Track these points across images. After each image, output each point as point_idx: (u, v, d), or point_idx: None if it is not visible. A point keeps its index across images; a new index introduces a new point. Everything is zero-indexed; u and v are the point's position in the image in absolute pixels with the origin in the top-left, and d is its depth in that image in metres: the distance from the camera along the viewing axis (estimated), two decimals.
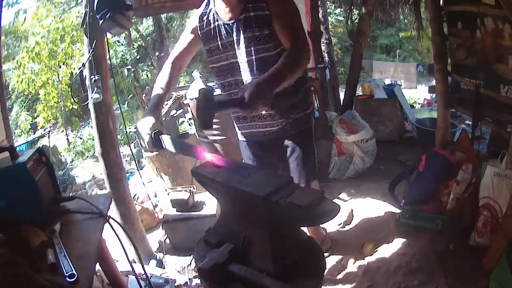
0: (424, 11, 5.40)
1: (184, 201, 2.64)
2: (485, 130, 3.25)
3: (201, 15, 1.73)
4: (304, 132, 1.91)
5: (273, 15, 1.57)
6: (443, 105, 3.09)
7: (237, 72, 1.73)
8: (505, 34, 2.33)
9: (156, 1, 3.59)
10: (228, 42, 1.68)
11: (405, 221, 2.58)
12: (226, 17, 1.65)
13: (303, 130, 1.90)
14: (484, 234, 2.20)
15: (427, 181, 2.70)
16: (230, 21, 1.64)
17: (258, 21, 1.58)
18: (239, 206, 1.17)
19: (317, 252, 1.23)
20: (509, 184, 2.13)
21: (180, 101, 3.69)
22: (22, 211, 1.31)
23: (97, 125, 2.46)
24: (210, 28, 1.70)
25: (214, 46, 1.73)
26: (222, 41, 1.69)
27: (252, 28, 1.60)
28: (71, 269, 1.09)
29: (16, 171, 1.30)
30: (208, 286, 1.13)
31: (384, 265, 2.24)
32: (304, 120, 1.88)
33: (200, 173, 1.23)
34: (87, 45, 2.36)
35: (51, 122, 10.21)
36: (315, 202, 1.01)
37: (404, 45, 12.12)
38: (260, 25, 1.59)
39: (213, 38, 1.70)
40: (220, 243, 1.16)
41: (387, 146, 4.06)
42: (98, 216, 1.42)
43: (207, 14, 1.71)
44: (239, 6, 1.60)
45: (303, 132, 1.90)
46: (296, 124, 1.86)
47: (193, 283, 2.28)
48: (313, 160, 1.99)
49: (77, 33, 7.44)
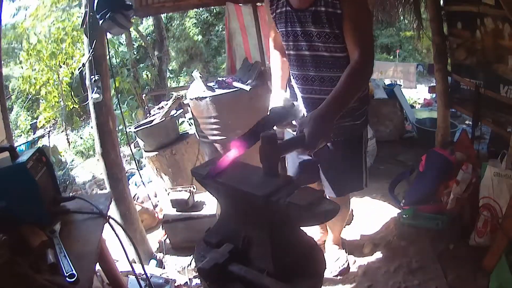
0: (424, 11, 5.39)
1: (184, 201, 2.64)
2: (485, 130, 3.26)
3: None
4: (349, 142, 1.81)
5: (345, 16, 1.47)
6: (443, 105, 3.09)
7: (305, 66, 1.68)
8: (505, 34, 2.33)
9: (156, 1, 3.59)
10: (297, 31, 1.60)
11: (405, 221, 2.58)
12: (296, 4, 1.56)
13: (348, 138, 1.80)
14: (484, 234, 2.20)
15: (427, 181, 2.70)
16: (299, 10, 1.55)
17: (330, 17, 1.49)
18: (239, 206, 1.17)
19: (317, 252, 1.23)
20: (509, 184, 2.13)
21: (180, 101, 3.69)
22: (22, 211, 1.31)
23: (97, 125, 2.46)
24: (281, 11, 1.62)
25: (283, 32, 1.66)
26: (291, 29, 1.61)
27: (322, 23, 1.51)
28: (71, 269, 1.09)
29: (16, 171, 1.30)
30: (208, 286, 1.13)
31: (384, 265, 2.25)
32: (350, 130, 1.78)
33: (200, 173, 1.23)
34: (87, 45, 2.36)
35: (51, 122, 10.21)
36: (315, 202, 1.01)
37: (404, 45, 12.10)
38: (331, 23, 1.50)
39: (284, 23, 1.63)
40: (220, 243, 1.16)
41: (387, 146, 4.05)
42: (98, 216, 1.42)
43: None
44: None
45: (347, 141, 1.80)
46: (342, 132, 1.75)
47: (193, 283, 2.28)
48: (353, 171, 1.90)
49: (77, 33, 7.45)
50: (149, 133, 3.35)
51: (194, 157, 3.38)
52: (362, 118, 1.81)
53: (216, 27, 12.82)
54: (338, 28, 1.51)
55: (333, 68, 1.63)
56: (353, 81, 1.38)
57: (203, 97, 2.72)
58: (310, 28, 1.56)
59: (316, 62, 1.65)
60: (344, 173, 1.87)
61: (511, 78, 2.41)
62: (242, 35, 4.08)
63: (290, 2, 1.58)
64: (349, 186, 1.98)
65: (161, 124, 3.36)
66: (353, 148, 1.86)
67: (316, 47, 1.60)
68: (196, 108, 2.83)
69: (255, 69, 2.92)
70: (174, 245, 2.75)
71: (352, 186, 1.98)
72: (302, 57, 1.67)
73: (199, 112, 2.82)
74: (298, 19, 1.57)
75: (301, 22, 1.57)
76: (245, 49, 4.13)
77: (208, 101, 2.70)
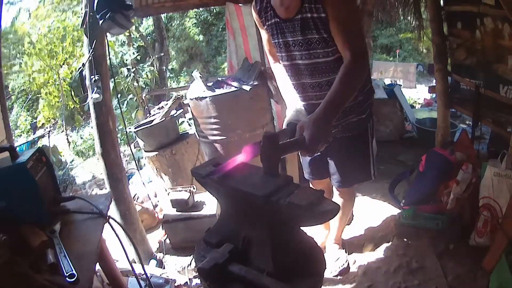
0: (424, 11, 5.39)
1: (184, 201, 2.64)
2: (485, 130, 3.26)
3: (259, 10, 1.65)
4: (356, 137, 1.84)
5: (330, 19, 1.46)
6: (443, 105, 3.09)
7: (301, 75, 1.68)
8: (504, 34, 2.33)
9: (156, 1, 3.59)
10: (288, 42, 1.61)
11: (405, 221, 2.58)
12: (282, 14, 1.57)
13: (355, 134, 1.83)
14: (484, 234, 2.20)
15: (427, 181, 2.70)
16: (287, 20, 1.56)
17: (316, 23, 1.50)
18: (239, 206, 1.17)
19: (317, 252, 1.23)
20: (509, 184, 2.13)
21: (180, 101, 3.69)
22: (22, 211, 1.31)
23: (97, 125, 2.46)
24: (271, 23, 1.63)
25: (276, 43, 1.67)
26: (282, 40, 1.62)
27: (311, 29, 1.52)
28: (71, 269, 1.09)
29: (16, 171, 1.30)
30: (208, 286, 1.13)
31: (384, 265, 2.25)
32: (357, 124, 1.81)
33: (200, 173, 1.23)
34: (87, 45, 2.36)
35: (51, 122, 10.21)
36: (315, 202, 1.01)
37: (404, 45, 12.10)
38: (318, 28, 1.50)
39: (275, 35, 1.64)
40: (220, 243, 1.16)
41: (387, 146, 4.06)
42: (98, 216, 1.42)
43: (264, 9, 1.63)
44: (295, 4, 1.50)
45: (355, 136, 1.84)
46: (351, 128, 1.80)
47: (193, 283, 2.28)
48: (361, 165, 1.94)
49: (77, 33, 7.46)
50: (149, 133, 3.35)
51: (194, 157, 3.38)
52: (367, 111, 1.83)
53: (216, 27, 12.83)
54: (326, 32, 1.50)
55: (328, 72, 1.63)
56: (348, 81, 1.38)
57: (203, 97, 2.71)
58: (300, 37, 1.56)
59: (310, 70, 1.65)
60: (353, 163, 1.91)
61: (511, 78, 2.41)
62: (242, 35, 4.07)
63: (278, 14, 1.59)
64: (358, 176, 2.00)
65: (161, 124, 3.36)
66: (360, 141, 1.88)
67: (309, 54, 1.60)
68: (196, 108, 2.83)
69: (255, 69, 2.92)
70: (174, 245, 2.75)
71: (361, 176, 2.01)
72: (296, 66, 1.68)
73: (199, 112, 2.82)
74: (288, 29, 1.58)
75: (291, 32, 1.58)
76: (245, 49, 4.13)
77: (208, 101, 2.70)
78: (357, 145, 1.88)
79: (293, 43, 1.60)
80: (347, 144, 1.85)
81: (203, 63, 12.90)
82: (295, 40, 1.58)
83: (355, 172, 1.97)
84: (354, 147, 1.88)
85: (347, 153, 1.89)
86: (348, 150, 1.87)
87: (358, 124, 1.82)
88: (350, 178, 1.99)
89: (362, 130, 1.87)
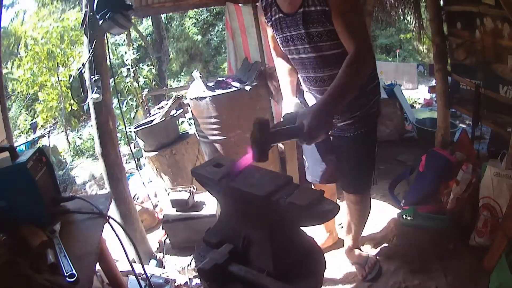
0: (424, 11, 5.40)
1: (184, 201, 2.64)
2: (485, 130, 3.25)
3: (265, 6, 1.68)
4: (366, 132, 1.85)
5: (333, 12, 1.45)
6: (443, 105, 3.09)
7: (310, 68, 1.69)
8: (504, 34, 2.33)
9: (156, 1, 3.60)
10: (293, 36, 1.62)
11: (405, 221, 2.58)
12: (285, 9, 1.59)
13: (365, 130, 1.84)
14: (484, 234, 2.20)
15: (427, 181, 2.70)
16: (290, 14, 1.57)
17: (320, 16, 1.49)
18: (239, 206, 1.17)
19: (317, 252, 1.23)
20: (509, 184, 2.13)
21: (180, 101, 3.69)
22: (22, 211, 1.31)
23: (97, 125, 2.46)
24: (275, 19, 1.64)
25: (281, 38, 1.68)
26: (288, 34, 1.63)
27: (314, 23, 1.52)
28: (71, 269, 1.09)
29: (16, 171, 1.30)
30: (208, 286, 1.13)
31: (384, 265, 2.25)
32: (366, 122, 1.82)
33: (200, 173, 1.23)
34: (87, 45, 2.36)
35: (51, 122, 10.21)
36: (315, 202, 1.01)
37: (404, 45, 12.12)
38: (322, 21, 1.50)
39: (279, 30, 1.66)
40: (220, 243, 1.16)
41: (387, 146, 4.05)
42: (98, 216, 1.42)
43: (269, 5, 1.65)
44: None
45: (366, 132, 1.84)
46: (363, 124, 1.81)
47: (193, 283, 2.28)
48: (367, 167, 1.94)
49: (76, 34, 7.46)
50: (149, 133, 3.35)
51: (194, 157, 3.38)
52: (374, 109, 1.84)
53: (216, 27, 12.83)
54: (331, 25, 1.50)
55: (337, 64, 1.59)
56: (352, 73, 1.37)
57: (203, 97, 2.71)
58: (303, 30, 1.57)
59: (318, 63, 1.65)
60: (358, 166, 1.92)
61: (510, 78, 2.41)
62: (241, 35, 4.08)
63: (281, 8, 1.60)
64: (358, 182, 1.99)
65: (161, 124, 3.36)
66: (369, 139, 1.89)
67: (315, 48, 1.60)
68: (196, 108, 2.83)
69: (255, 69, 2.92)
70: (174, 245, 2.75)
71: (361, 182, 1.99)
72: (304, 60, 1.68)
73: (199, 112, 2.82)
74: (291, 23, 1.59)
75: (294, 26, 1.59)
76: (245, 49, 4.13)
77: (208, 101, 2.70)
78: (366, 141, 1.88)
79: (297, 37, 1.61)
80: (358, 141, 1.84)
81: (203, 63, 12.91)
82: (300, 33, 1.59)
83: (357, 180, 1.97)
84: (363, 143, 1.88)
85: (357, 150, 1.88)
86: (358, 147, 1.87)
87: (368, 122, 1.83)
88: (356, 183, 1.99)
89: (371, 126, 1.87)
